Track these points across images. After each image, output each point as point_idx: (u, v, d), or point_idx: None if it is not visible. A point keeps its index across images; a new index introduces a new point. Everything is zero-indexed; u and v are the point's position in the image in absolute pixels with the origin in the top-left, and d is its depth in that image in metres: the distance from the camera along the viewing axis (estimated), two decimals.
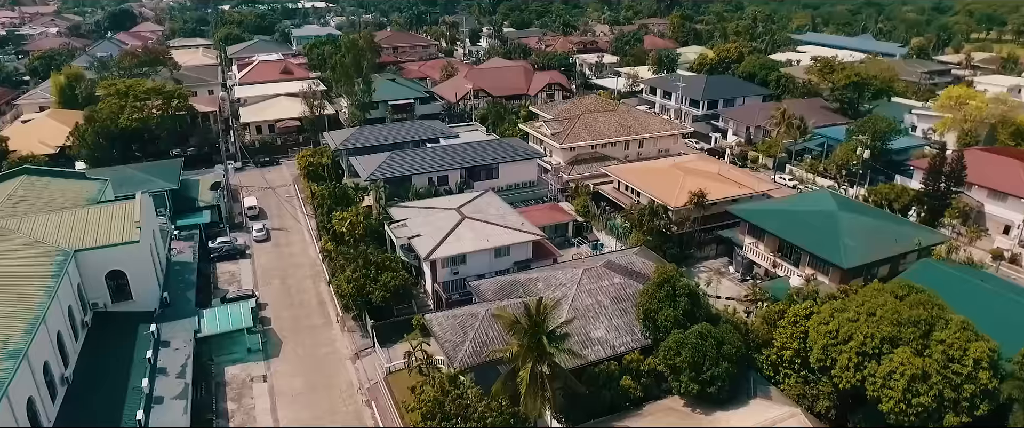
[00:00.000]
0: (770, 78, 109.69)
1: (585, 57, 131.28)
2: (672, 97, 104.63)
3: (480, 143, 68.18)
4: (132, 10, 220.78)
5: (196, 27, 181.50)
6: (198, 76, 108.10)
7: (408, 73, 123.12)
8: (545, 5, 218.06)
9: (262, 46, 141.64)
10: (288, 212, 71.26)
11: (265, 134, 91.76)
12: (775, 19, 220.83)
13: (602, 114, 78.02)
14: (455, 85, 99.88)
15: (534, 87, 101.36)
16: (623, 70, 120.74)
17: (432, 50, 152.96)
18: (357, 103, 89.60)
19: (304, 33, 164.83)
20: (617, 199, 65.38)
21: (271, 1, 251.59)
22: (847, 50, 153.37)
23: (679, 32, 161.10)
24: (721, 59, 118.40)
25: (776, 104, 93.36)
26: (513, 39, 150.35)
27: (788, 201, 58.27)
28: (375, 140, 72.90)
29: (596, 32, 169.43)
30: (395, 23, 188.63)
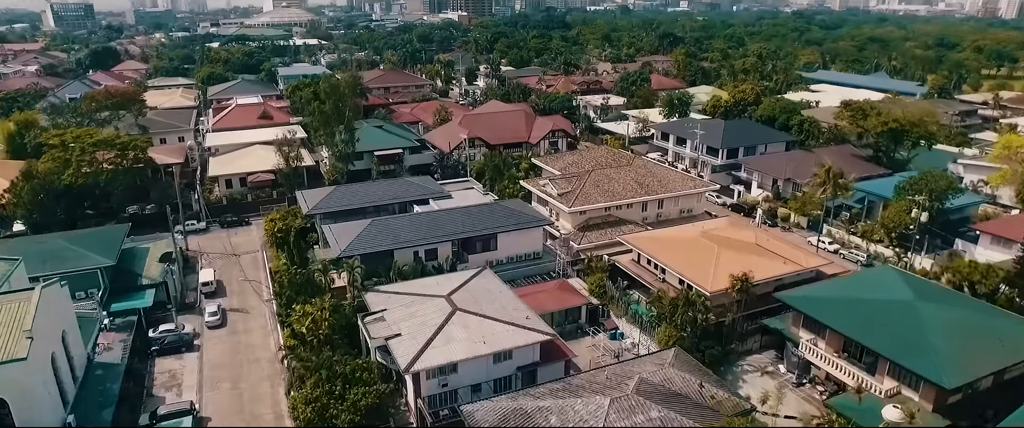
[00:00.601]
0: (792, 122, 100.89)
1: (589, 98, 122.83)
2: (687, 144, 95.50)
3: (476, 208, 58.29)
4: (116, 48, 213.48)
5: (180, 65, 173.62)
6: (168, 121, 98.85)
7: (399, 116, 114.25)
8: (544, 42, 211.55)
9: (244, 87, 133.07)
10: (251, 288, 60.87)
11: (236, 188, 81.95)
12: (780, 55, 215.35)
13: (615, 170, 68.43)
14: (449, 132, 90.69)
15: (536, 134, 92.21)
16: (631, 113, 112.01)
17: (426, 90, 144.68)
18: (339, 154, 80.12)
19: (291, 72, 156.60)
20: (638, 275, 55.27)
21: (262, 38, 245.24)
22: (863, 89, 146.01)
23: (685, 70, 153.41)
24: (737, 101, 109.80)
25: (807, 154, 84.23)
26: (511, 79, 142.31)
27: (847, 283, 48.17)
28: (354, 201, 63.05)
29: (598, 71, 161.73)
30: (388, 61, 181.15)
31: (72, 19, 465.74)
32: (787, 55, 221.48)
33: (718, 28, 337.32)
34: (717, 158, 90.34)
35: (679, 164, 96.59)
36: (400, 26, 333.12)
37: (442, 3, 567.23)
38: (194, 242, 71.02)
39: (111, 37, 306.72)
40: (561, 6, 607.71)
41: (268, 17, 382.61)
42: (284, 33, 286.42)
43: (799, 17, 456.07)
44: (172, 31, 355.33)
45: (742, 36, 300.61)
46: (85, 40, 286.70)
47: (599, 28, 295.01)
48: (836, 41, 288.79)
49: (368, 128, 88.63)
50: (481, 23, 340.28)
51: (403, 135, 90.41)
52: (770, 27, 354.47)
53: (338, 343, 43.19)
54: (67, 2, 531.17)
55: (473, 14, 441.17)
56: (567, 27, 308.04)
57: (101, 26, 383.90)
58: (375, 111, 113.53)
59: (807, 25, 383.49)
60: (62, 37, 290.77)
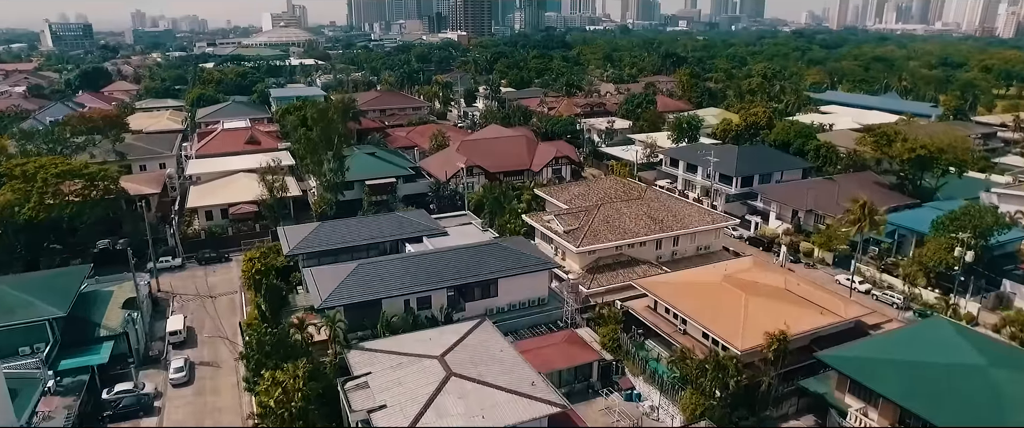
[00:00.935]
0: (808, 147, 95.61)
1: (593, 122, 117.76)
2: (698, 171, 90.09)
3: (474, 249, 52.50)
4: (108, 68, 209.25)
5: (171, 86, 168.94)
6: (149, 147, 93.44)
7: (394, 140, 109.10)
8: (545, 62, 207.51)
9: (234, 110, 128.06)
10: (225, 337, 54.85)
11: (216, 221, 76.22)
12: (785, 76, 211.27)
13: (625, 203, 62.81)
14: (446, 159, 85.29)
15: (538, 162, 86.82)
16: (637, 137, 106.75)
17: (423, 112, 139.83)
18: (327, 184, 74.57)
19: (285, 94, 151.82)
20: (655, 325, 49.35)
21: (257, 58, 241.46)
22: (875, 110, 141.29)
23: (691, 92, 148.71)
24: (748, 125, 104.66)
25: (828, 182, 78.74)
26: (512, 100, 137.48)
27: (899, 340, 42.24)
28: (340, 240, 57.34)
29: (601, 92, 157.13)
30: (385, 82, 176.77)
31: (70, 39, 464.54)
32: (792, 75, 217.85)
33: (719, 48, 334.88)
34: (731, 186, 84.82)
35: (690, 192, 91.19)
36: (399, 46, 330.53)
37: (442, 23, 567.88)
38: (167, 281, 65.16)
39: (106, 57, 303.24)
40: (560, 25, 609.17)
41: (265, 37, 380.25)
42: (280, 53, 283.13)
43: (799, 36, 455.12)
44: (169, 51, 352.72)
45: (744, 56, 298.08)
46: (79, 60, 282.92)
47: (600, 48, 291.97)
48: (838, 60, 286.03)
49: (359, 155, 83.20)
50: (480, 43, 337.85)
51: (397, 163, 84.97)
52: (771, 46, 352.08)
53: (315, 415, 37.17)
54: (65, 22, 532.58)
55: (472, 34, 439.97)
56: (567, 47, 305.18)
57: (98, 46, 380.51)
58: (369, 135, 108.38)
59: (808, 44, 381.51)
60: (57, 57, 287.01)
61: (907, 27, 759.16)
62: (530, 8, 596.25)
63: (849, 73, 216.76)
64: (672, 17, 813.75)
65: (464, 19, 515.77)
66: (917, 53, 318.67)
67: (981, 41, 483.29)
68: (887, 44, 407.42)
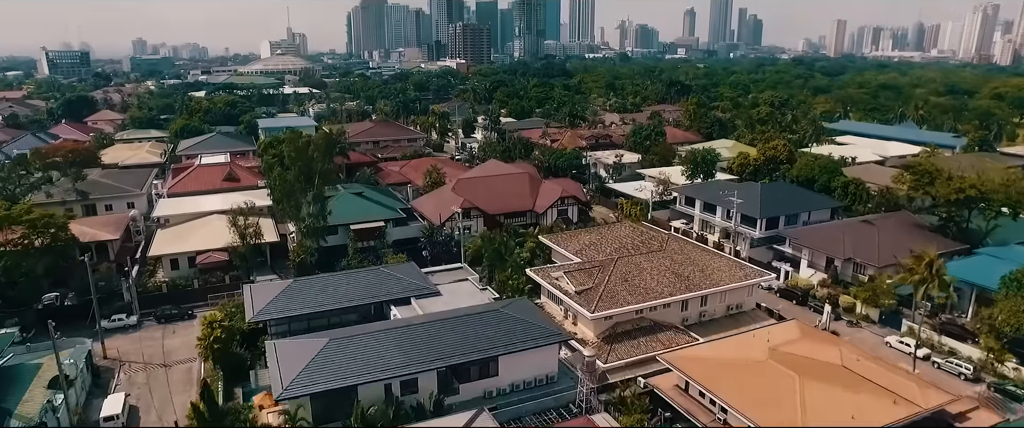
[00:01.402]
0: (834, 184, 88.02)
1: (599, 155, 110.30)
2: (717, 211, 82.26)
3: (471, 317, 44.13)
4: (93, 97, 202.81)
5: (156, 116, 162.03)
6: (117, 184, 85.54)
7: (387, 176, 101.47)
8: (546, 91, 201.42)
9: (217, 141, 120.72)
10: (175, 424, 46.08)
11: (183, 270, 67.92)
12: (793, 104, 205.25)
13: (645, 256, 54.70)
14: (440, 199, 77.42)
15: (542, 202, 78.95)
16: (648, 173, 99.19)
17: (419, 144, 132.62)
18: (307, 229, 66.51)
19: (273, 124, 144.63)
20: (686, 410, 40.87)
21: (251, 87, 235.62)
22: (894, 141, 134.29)
23: (700, 121, 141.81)
24: (768, 159, 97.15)
25: (865, 225, 70.66)
26: (512, 131, 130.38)
27: None
28: (314, 303, 49.08)
29: (606, 122, 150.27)
30: (380, 111, 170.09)
31: (67, 66, 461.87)
32: (800, 104, 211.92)
33: (722, 75, 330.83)
34: (755, 229, 76.81)
35: (709, 234, 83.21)
36: (396, 74, 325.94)
37: (441, 51, 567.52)
38: (118, 345, 56.59)
39: (98, 85, 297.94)
40: (559, 53, 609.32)
41: (261, 65, 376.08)
42: (275, 81, 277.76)
43: (799, 63, 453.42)
44: (164, 78, 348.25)
45: (746, 83, 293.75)
46: (70, 88, 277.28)
47: (601, 76, 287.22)
48: (843, 88, 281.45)
49: (345, 196, 75.32)
50: (479, 71, 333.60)
51: (387, 204, 77.01)
52: (772, 74, 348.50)
53: None
54: (63, 50, 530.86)
55: (472, 61, 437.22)
56: (568, 75, 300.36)
57: (92, 74, 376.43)
58: (359, 170, 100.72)
59: (809, 72, 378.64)
60: (47, 84, 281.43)
61: (904, 54, 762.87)
62: (529, 36, 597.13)
63: (858, 101, 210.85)
64: (670, 45, 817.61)
65: (463, 47, 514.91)
66: (922, 81, 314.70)
67: (980, 68, 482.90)
68: (887, 71, 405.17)
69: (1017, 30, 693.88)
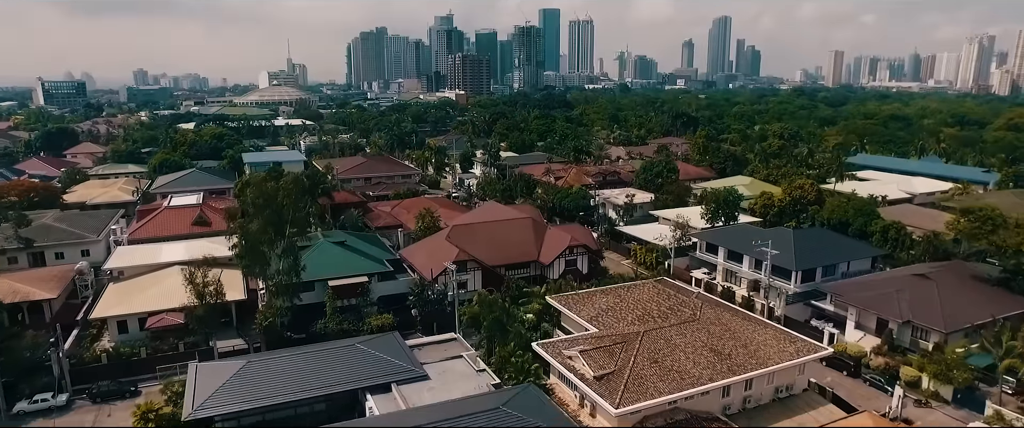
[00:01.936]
0: (872, 229, 79.21)
1: (607, 194, 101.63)
2: (744, 261, 73.26)
3: (464, 417, 34.62)
4: (75, 129, 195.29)
5: (137, 149, 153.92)
6: (73, 229, 76.49)
7: (376, 218, 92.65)
8: (547, 123, 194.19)
9: (195, 178, 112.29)
10: None
11: (133, 334, 58.48)
12: (803, 136, 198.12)
13: (676, 328, 45.44)
14: (433, 249, 68.38)
15: (548, 252, 69.88)
16: (662, 215, 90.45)
17: (413, 180, 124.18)
18: (276, 287, 57.32)
19: (259, 158, 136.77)
20: None
21: (243, 118, 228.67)
22: (922, 177, 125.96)
23: (712, 156, 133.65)
24: (794, 200, 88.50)
25: (922, 280, 61.38)
26: (513, 167, 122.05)
27: None
28: (271, 391, 39.66)
29: (612, 157, 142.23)
30: (374, 145, 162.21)
31: (62, 96, 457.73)
32: (810, 136, 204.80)
33: (725, 106, 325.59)
34: (790, 282, 67.63)
35: (735, 287, 74.04)
36: (394, 105, 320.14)
37: (440, 82, 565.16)
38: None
39: (89, 115, 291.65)
40: (559, 84, 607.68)
41: (257, 95, 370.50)
42: (268, 113, 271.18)
43: (801, 94, 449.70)
44: (159, 109, 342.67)
45: (750, 114, 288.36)
46: (59, 119, 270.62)
47: (603, 107, 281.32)
48: (849, 119, 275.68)
49: (324, 245, 66.30)
50: (479, 102, 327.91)
51: (372, 253, 67.92)
52: (776, 105, 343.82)
53: None
54: (59, 80, 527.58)
55: (471, 92, 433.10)
56: (569, 106, 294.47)
57: (83, 104, 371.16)
58: (346, 212, 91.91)
59: (812, 102, 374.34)
60: (36, 115, 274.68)
61: (901, 85, 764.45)
62: (529, 67, 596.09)
63: (870, 133, 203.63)
64: (669, 75, 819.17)
65: (463, 78, 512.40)
66: (927, 111, 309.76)
67: (980, 98, 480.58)
68: (890, 101, 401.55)
69: (1014, 61, 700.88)
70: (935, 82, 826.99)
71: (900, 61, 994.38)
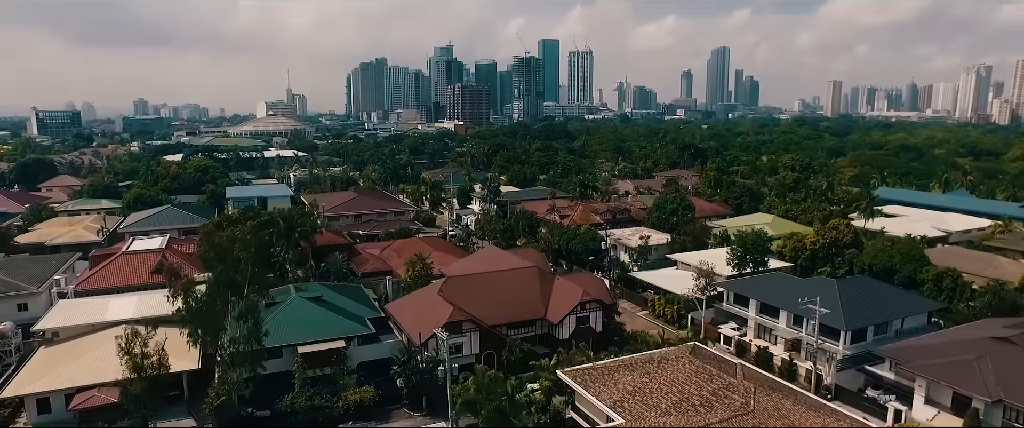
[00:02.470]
0: (922, 277, 69.83)
1: (618, 234, 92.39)
2: (780, 316, 63.75)
3: None
4: (52, 160, 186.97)
5: (116, 183, 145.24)
6: (9, 279, 66.70)
7: (363, 262, 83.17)
8: (549, 155, 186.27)
9: (169, 216, 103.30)
10: None
11: (58, 414, 48.53)
12: (814, 168, 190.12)
13: (724, 420, 35.68)
14: (424, 305, 58.81)
15: (557, 307, 60.27)
16: (681, 259, 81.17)
17: (407, 218, 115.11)
18: (233, 357, 47.62)
19: (243, 193, 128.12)
20: None
21: (235, 149, 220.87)
22: (956, 212, 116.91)
23: (727, 191, 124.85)
24: (828, 242, 79.28)
25: (1011, 346, 51.70)
26: (514, 203, 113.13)
27: None
28: None
29: (620, 191, 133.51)
30: (367, 178, 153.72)
31: (56, 126, 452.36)
32: (823, 167, 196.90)
33: (728, 136, 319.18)
34: (839, 343, 57.97)
35: (770, 345, 64.35)
36: (391, 136, 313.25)
37: (439, 112, 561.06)
38: None
39: (78, 145, 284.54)
40: (558, 115, 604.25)
41: (252, 126, 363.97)
42: (261, 144, 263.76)
43: (803, 123, 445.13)
44: (152, 139, 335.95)
45: (755, 144, 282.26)
46: (45, 149, 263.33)
47: (606, 138, 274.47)
48: (856, 149, 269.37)
49: (297, 301, 56.80)
50: (478, 133, 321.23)
51: (353, 311, 58.40)
52: (779, 135, 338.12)
53: None
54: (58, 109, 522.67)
55: (470, 123, 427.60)
56: (570, 137, 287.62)
57: (72, 135, 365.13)
58: (329, 255, 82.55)
59: (816, 132, 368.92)
60: (23, 145, 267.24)
61: (900, 114, 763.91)
62: (529, 98, 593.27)
63: (886, 164, 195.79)
64: (669, 106, 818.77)
65: (462, 109, 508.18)
66: (935, 141, 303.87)
67: (983, 127, 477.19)
68: (893, 131, 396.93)
69: (1013, 91, 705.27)
70: (933, 112, 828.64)
71: (897, 91, 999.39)
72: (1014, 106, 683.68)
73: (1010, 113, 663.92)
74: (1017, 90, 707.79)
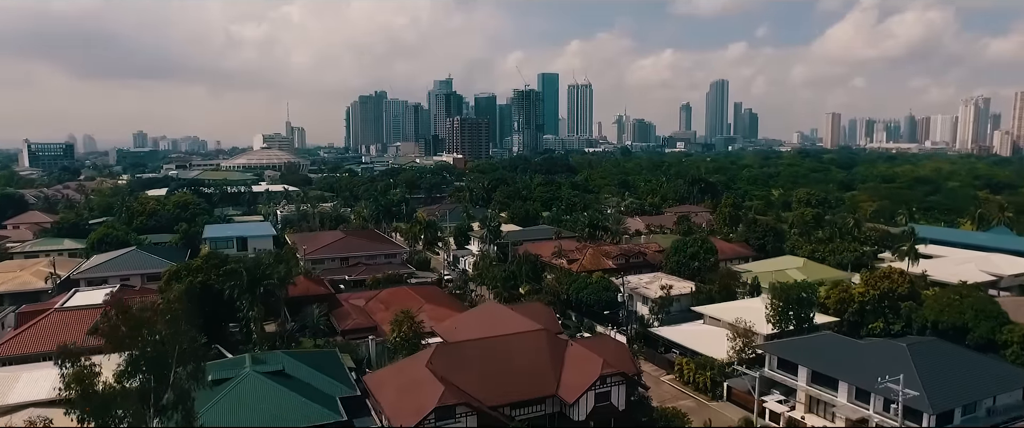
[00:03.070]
0: (1004, 339, 59.05)
1: (635, 282, 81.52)
2: (840, 388, 52.86)
3: None
4: (21, 195, 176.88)
5: (86, 220, 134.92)
6: None
7: (344, 316, 72.56)
8: (552, 190, 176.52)
9: (134, 260, 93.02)
10: None
11: None
12: (831, 202, 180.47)
13: None
14: (409, 382, 47.85)
15: (572, 383, 49.17)
16: (710, 312, 70.42)
17: (398, 260, 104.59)
18: None
19: (221, 233, 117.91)
20: None
21: (224, 183, 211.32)
22: (997, 252, 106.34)
23: (750, 231, 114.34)
24: (882, 294, 68.57)
25: None
26: (516, 244, 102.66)
27: None
28: None
29: (630, 229, 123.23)
30: (358, 216, 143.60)
31: (48, 159, 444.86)
32: (839, 202, 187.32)
33: (733, 169, 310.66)
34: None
35: (830, 425, 53.23)
36: (387, 169, 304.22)
37: (438, 145, 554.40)
38: None
39: (63, 179, 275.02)
40: (558, 147, 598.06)
41: (245, 159, 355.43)
42: (251, 177, 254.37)
43: (806, 155, 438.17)
44: (144, 172, 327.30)
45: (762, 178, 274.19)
46: (26, 182, 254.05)
47: (609, 171, 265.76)
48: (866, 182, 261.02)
49: (251, 378, 45.92)
50: (477, 166, 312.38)
51: (322, 386, 47.45)
52: (786, 168, 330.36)
53: None
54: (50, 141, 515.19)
55: (469, 156, 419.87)
56: (572, 171, 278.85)
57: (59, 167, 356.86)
58: (305, 308, 71.87)
59: (821, 164, 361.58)
60: (4, 179, 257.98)
61: (900, 146, 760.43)
62: (528, 131, 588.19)
63: (906, 198, 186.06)
64: (669, 138, 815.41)
65: (461, 142, 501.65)
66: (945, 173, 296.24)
67: (989, 160, 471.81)
68: (898, 163, 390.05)
69: (1013, 123, 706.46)
70: (932, 143, 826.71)
71: (896, 123, 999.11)
72: (1015, 138, 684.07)
73: (1011, 145, 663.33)
74: (1017, 122, 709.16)
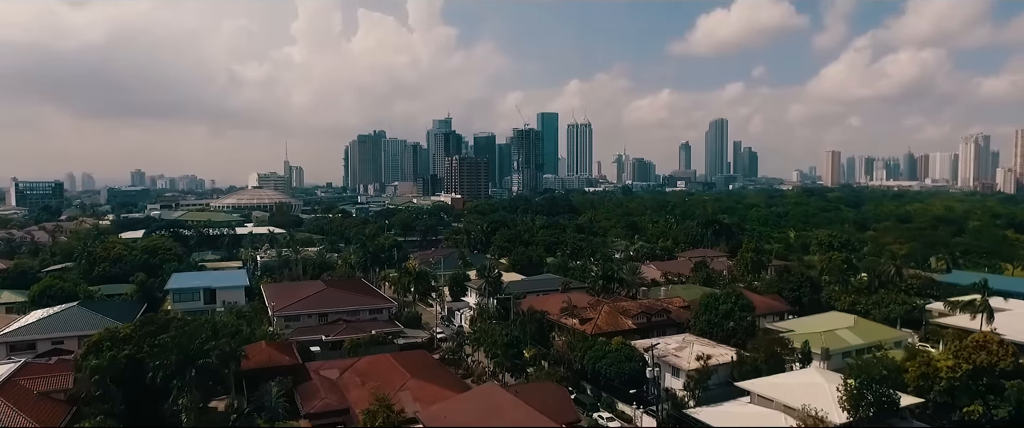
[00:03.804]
0: None
1: (663, 349, 68.09)
2: None
3: None
4: None
5: (38, 268, 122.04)
6: None
7: (312, 395, 59.26)
8: (556, 234, 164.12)
9: (72, 318, 79.81)
10: None
11: None
12: (854, 245, 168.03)
13: None
14: None
15: None
16: (759, 390, 57.08)
17: (384, 317, 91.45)
18: None
19: (190, 283, 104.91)
20: None
21: (208, 224, 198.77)
22: None
23: (782, 283, 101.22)
24: (977, 369, 55.51)
25: None
26: (519, 297, 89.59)
27: None
28: None
29: (646, 279, 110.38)
30: (344, 262, 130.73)
31: (37, 197, 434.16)
32: (862, 244, 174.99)
33: (739, 209, 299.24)
34: None
35: None
36: (382, 210, 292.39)
37: (437, 185, 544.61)
38: None
39: (41, 219, 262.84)
40: (558, 187, 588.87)
41: (235, 198, 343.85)
42: (238, 218, 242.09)
43: (810, 194, 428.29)
44: (133, 212, 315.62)
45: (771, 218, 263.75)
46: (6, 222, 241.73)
47: (613, 212, 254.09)
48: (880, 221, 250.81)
49: None
50: (476, 207, 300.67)
51: None
52: (793, 206, 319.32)
53: None
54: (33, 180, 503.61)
55: (468, 196, 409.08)
56: (574, 211, 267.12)
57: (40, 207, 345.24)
58: (264, 385, 58.52)
59: (827, 202, 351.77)
60: None
61: (900, 183, 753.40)
62: (528, 170, 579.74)
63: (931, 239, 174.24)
64: (669, 177, 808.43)
65: (460, 181, 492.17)
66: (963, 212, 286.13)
67: (995, 197, 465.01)
68: (905, 201, 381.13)
69: (1015, 160, 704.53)
70: (932, 181, 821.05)
71: (895, 160, 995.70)
72: (1018, 175, 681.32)
73: (1015, 182, 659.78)
74: (1020, 159, 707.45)
